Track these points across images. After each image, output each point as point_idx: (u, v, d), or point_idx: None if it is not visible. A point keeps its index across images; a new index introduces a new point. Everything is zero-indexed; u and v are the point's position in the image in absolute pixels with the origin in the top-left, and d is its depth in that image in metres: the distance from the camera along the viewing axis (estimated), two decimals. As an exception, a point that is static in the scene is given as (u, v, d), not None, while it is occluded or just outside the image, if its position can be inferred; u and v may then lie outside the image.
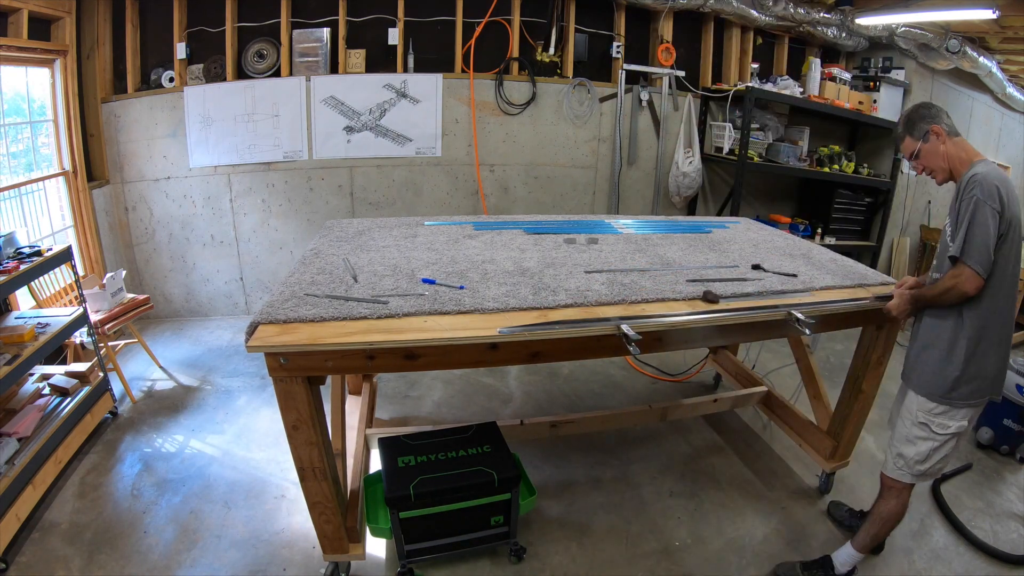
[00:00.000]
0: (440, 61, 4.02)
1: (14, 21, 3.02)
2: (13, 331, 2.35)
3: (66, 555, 2.04)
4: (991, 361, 1.74)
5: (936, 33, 4.20)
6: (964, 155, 1.73)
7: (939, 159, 1.76)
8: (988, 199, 1.60)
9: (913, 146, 1.79)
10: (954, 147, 1.74)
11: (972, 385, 1.74)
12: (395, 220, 2.73)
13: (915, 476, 1.86)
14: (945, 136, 1.74)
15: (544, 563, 2.08)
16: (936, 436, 1.80)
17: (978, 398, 1.76)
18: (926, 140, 1.76)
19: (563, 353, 1.78)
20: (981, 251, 1.60)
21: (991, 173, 1.64)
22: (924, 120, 1.76)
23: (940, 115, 1.76)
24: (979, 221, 1.60)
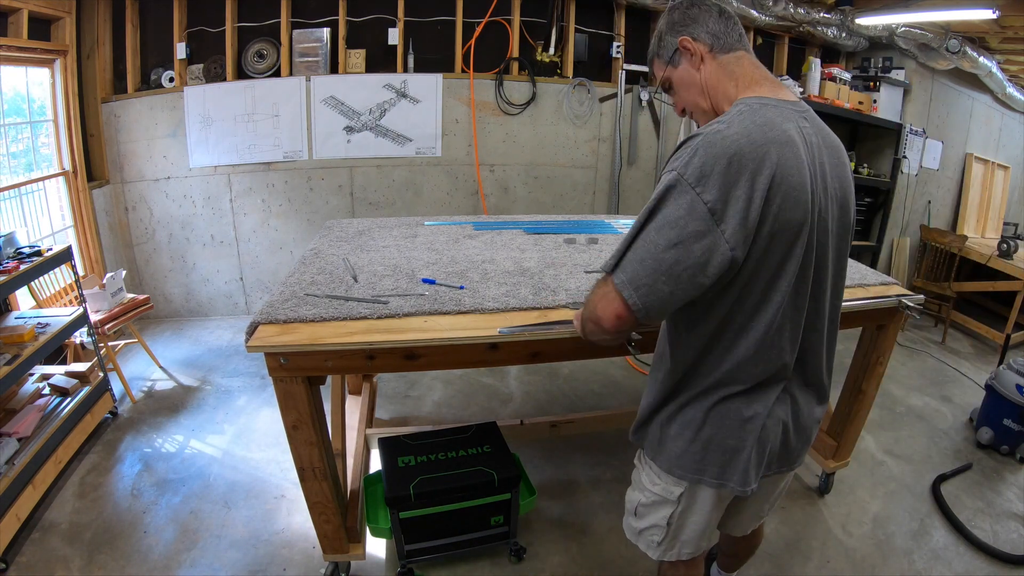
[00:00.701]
0: (440, 61, 4.02)
1: (14, 21, 3.02)
2: (13, 331, 2.35)
3: (66, 555, 2.04)
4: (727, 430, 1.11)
5: (936, 33, 4.20)
6: (733, 86, 1.06)
7: (695, 91, 1.11)
8: (698, 181, 0.90)
9: (661, 72, 1.16)
10: (717, 71, 1.08)
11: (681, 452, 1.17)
12: (395, 220, 2.73)
13: (632, 533, 1.40)
14: (705, 52, 1.08)
15: (544, 563, 2.08)
16: (644, 488, 1.30)
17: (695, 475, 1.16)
18: (675, 64, 1.12)
19: (563, 353, 1.78)
20: (636, 271, 0.95)
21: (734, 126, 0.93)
22: (673, 31, 1.11)
23: (700, 18, 1.09)
24: (661, 221, 0.93)
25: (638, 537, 1.38)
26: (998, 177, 5.54)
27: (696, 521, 1.26)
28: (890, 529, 2.31)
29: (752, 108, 0.98)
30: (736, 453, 1.12)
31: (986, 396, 2.89)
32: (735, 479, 1.13)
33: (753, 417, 1.10)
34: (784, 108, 1.00)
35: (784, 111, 1.00)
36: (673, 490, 1.22)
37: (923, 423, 3.09)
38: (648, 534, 1.34)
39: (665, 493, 1.24)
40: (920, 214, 5.15)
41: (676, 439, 1.16)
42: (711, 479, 1.15)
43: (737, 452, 1.12)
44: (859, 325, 2.19)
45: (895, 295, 2.00)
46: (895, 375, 3.51)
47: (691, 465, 1.16)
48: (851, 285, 2.07)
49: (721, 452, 1.12)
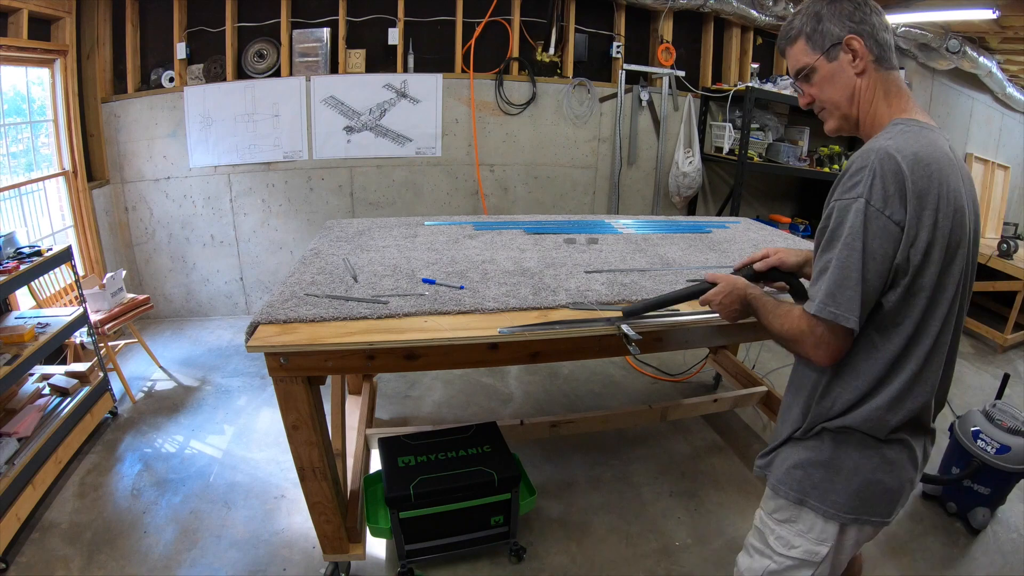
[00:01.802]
0: (440, 61, 4.02)
1: (14, 21, 3.02)
2: (13, 331, 2.35)
3: (66, 555, 2.04)
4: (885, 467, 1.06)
5: (936, 33, 4.20)
6: (886, 105, 1.03)
7: (841, 93, 1.05)
8: (883, 203, 0.91)
9: (805, 59, 1.07)
10: (875, 85, 1.03)
11: (840, 489, 1.07)
12: (395, 220, 2.73)
13: None
14: (869, 61, 1.02)
15: (544, 563, 2.08)
16: (774, 555, 1.18)
17: (852, 513, 1.08)
18: (832, 57, 1.04)
19: (563, 353, 1.78)
20: (840, 296, 0.95)
21: (901, 148, 0.93)
22: (839, 21, 1.01)
23: (876, 22, 1.01)
24: (845, 242, 0.94)
25: None
26: (998, 177, 5.54)
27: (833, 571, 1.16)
28: (890, 529, 2.30)
29: (914, 130, 0.98)
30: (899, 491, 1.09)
31: (950, 439, 2.45)
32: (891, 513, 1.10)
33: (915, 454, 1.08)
34: (936, 132, 1.00)
35: (937, 135, 1.00)
36: (818, 549, 1.12)
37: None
38: None
39: (808, 555, 1.13)
40: (920, 214, 5.15)
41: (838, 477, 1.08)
42: (875, 517, 1.09)
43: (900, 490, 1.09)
44: (859, 325, 2.18)
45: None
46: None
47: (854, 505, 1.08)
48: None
49: (884, 490, 1.08)
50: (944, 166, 0.94)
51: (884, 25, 1.03)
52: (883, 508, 1.09)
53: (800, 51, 1.07)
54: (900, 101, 1.04)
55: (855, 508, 1.08)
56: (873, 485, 1.06)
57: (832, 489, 1.08)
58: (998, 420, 2.29)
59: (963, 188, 0.98)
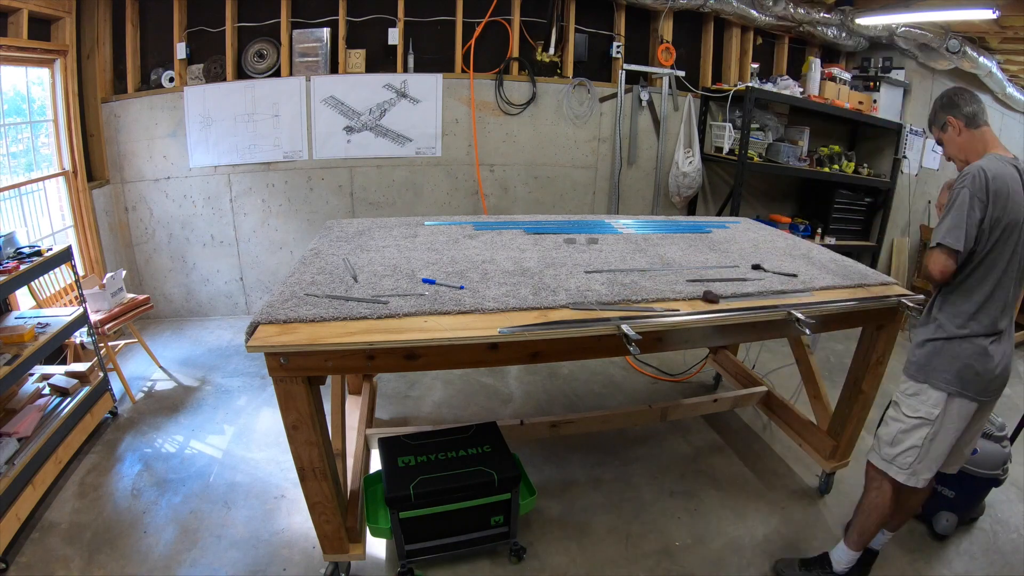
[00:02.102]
0: (440, 61, 4.02)
1: (14, 21, 3.02)
2: (13, 331, 2.35)
3: (66, 555, 2.04)
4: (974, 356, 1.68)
5: (936, 33, 4.20)
6: (980, 147, 1.71)
7: (956, 150, 1.77)
8: (974, 189, 1.59)
9: (936, 135, 1.82)
10: (970, 139, 1.72)
11: (947, 370, 1.70)
12: (395, 220, 2.73)
13: (884, 460, 1.82)
14: (962, 127, 1.72)
15: (544, 563, 2.08)
16: (904, 418, 1.77)
17: (956, 387, 1.69)
18: (944, 130, 1.76)
19: (563, 353, 1.78)
20: (953, 232, 1.59)
21: (989, 166, 1.62)
22: (944, 110, 1.74)
23: (961, 104, 1.72)
24: (957, 205, 1.60)
25: (891, 464, 1.81)
26: (998, 177, 5.53)
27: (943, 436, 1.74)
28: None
29: (996, 158, 1.66)
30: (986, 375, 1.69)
31: None
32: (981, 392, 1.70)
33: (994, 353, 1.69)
34: (1008, 159, 1.67)
35: (1008, 160, 1.66)
36: (933, 411, 1.72)
37: (923, 423, 3.09)
38: (903, 457, 1.78)
39: (927, 415, 1.73)
40: (920, 214, 5.15)
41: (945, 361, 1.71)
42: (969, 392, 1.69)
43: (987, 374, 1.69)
44: (859, 325, 2.19)
45: (895, 295, 2.00)
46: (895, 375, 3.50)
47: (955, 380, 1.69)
48: (851, 285, 2.08)
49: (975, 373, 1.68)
50: (1008, 180, 1.61)
51: (967, 101, 1.72)
52: (975, 387, 1.69)
53: (934, 131, 1.81)
54: (989, 144, 1.72)
55: (957, 383, 1.69)
56: (967, 368, 1.68)
57: (943, 371, 1.71)
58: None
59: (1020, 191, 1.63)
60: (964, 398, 1.71)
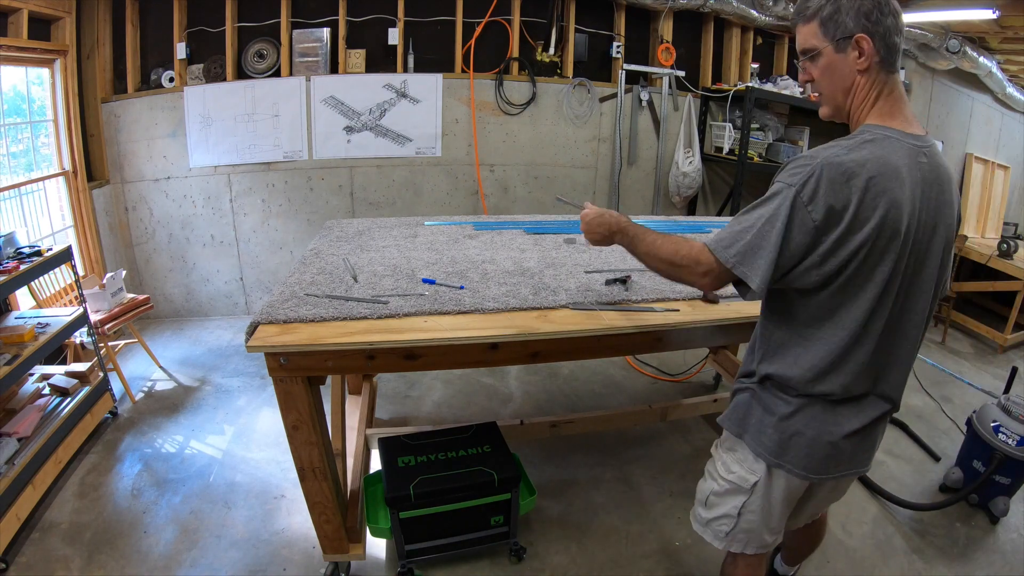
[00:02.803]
0: (440, 61, 4.02)
1: (14, 21, 3.02)
2: (13, 331, 2.35)
3: (66, 555, 2.04)
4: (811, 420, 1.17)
5: (936, 33, 4.20)
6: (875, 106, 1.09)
7: (838, 85, 1.10)
8: (810, 199, 1.01)
9: (814, 41, 1.10)
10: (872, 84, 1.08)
11: (772, 433, 1.21)
12: (395, 220, 2.73)
13: (699, 523, 1.43)
14: (874, 61, 1.06)
15: (544, 563, 2.08)
16: (719, 478, 1.34)
17: (775, 457, 1.21)
18: (841, 49, 1.07)
19: (563, 353, 1.78)
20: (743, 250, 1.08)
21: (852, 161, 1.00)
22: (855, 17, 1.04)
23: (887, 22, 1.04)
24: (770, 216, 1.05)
25: (706, 528, 1.42)
26: (998, 177, 5.54)
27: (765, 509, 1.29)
28: (890, 529, 2.31)
29: (876, 140, 1.05)
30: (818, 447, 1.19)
31: (967, 432, 2.53)
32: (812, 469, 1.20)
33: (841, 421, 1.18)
34: (905, 143, 1.06)
35: (903, 146, 1.05)
36: (748, 477, 1.27)
37: (923, 423, 3.09)
38: (716, 524, 1.37)
39: (740, 481, 1.29)
40: (920, 214, 5.15)
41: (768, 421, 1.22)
42: (796, 468, 1.20)
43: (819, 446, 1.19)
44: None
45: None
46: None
47: (774, 448, 1.22)
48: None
49: (804, 442, 1.19)
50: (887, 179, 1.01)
51: (898, 28, 1.07)
52: (803, 461, 1.20)
53: (812, 32, 1.11)
54: (888, 105, 1.09)
55: (778, 453, 1.21)
56: (796, 436, 1.19)
57: (763, 432, 1.23)
58: (1016, 413, 2.34)
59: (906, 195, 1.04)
60: (790, 473, 1.22)
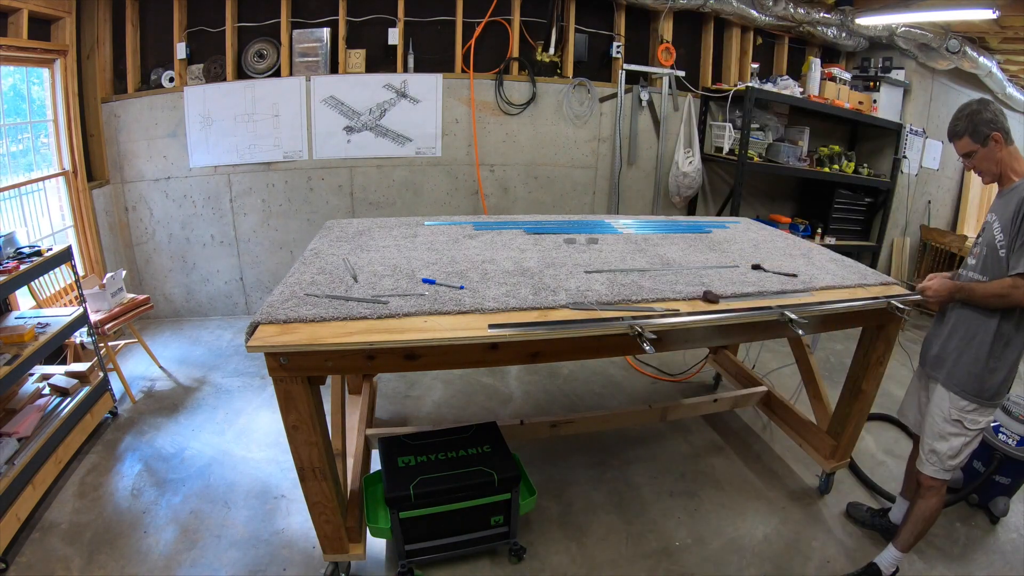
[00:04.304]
0: (440, 61, 4.02)
1: (14, 21, 3.02)
2: (13, 331, 2.35)
3: (66, 555, 2.04)
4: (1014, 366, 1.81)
5: (936, 33, 4.20)
6: (1018, 164, 1.77)
7: (993, 164, 1.79)
8: None
9: (970, 147, 1.80)
10: (1009, 155, 1.77)
11: (1006, 386, 1.83)
12: (395, 220, 2.73)
13: (947, 471, 1.90)
14: (1003, 144, 1.75)
15: (544, 563, 2.08)
16: (968, 432, 1.85)
17: (1002, 398, 1.85)
18: (985, 144, 1.76)
19: (563, 353, 1.78)
20: None
21: None
22: (988, 125, 1.75)
23: (1003, 121, 1.76)
24: None
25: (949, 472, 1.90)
26: (998, 177, 5.53)
27: None
28: None
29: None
30: None
31: None
32: None
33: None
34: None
35: None
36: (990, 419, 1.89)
37: (923, 423, 3.09)
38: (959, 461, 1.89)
39: (988, 424, 1.88)
40: (920, 214, 5.15)
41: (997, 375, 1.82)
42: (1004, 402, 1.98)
43: None
44: (859, 325, 2.19)
45: (895, 296, 2.00)
46: (895, 375, 3.50)
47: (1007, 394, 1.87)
48: (851, 285, 2.08)
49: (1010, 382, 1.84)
50: None
51: (1003, 116, 1.76)
52: None
53: (966, 142, 1.80)
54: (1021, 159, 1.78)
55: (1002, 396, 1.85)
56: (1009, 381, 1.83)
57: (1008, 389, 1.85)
58: (1016, 413, 2.34)
59: None
60: None
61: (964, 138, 1.80)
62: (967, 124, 1.79)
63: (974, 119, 1.77)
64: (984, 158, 1.79)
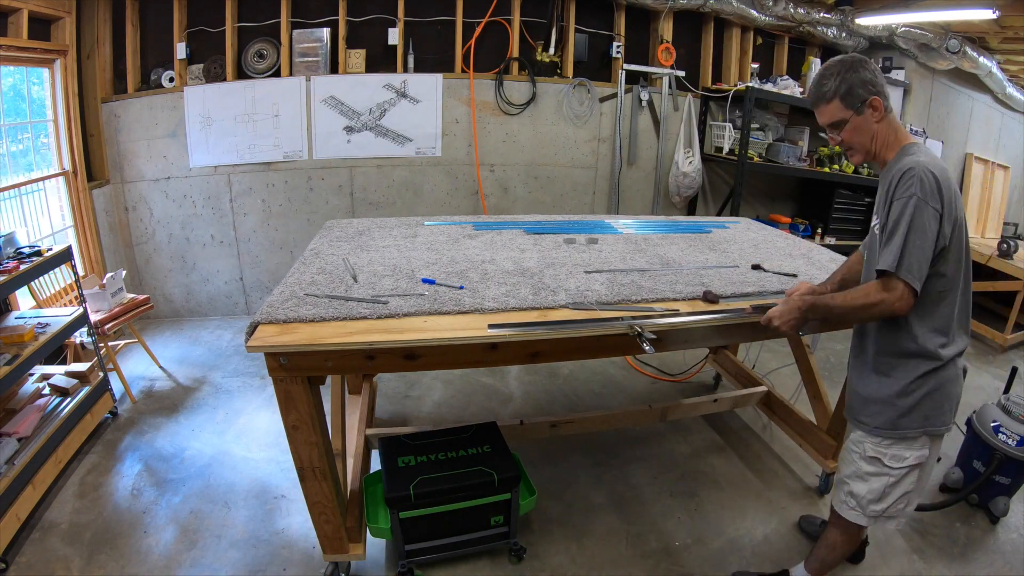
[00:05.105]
0: (440, 61, 4.02)
1: (14, 21, 3.02)
2: (13, 331, 2.35)
3: (66, 555, 2.04)
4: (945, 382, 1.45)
5: (936, 33, 4.20)
6: (894, 137, 1.45)
7: (867, 138, 1.45)
8: (929, 198, 1.30)
9: (840, 115, 1.44)
10: (887, 127, 1.44)
11: (924, 410, 1.45)
12: (395, 220, 2.73)
13: (871, 518, 1.58)
14: (883, 113, 1.42)
15: (544, 563, 2.08)
16: (892, 471, 1.51)
17: (937, 424, 1.47)
18: (860, 112, 1.42)
19: (563, 353, 1.78)
20: (921, 264, 1.31)
21: (930, 164, 1.33)
22: (866, 87, 1.40)
23: (882, 83, 1.42)
24: (918, 226, 1.30)
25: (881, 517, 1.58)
26: (998, 177, 5.54)
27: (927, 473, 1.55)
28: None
29: (922, 148, 1.42)
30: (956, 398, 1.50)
31: (967, 432, 2.54)
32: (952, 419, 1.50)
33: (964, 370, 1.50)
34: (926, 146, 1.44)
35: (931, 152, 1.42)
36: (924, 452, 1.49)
37: (923, 423, 3.09)
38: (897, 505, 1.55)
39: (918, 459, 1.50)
40: (920, 214, 5.14)
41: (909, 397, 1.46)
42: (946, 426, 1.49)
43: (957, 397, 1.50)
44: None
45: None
46: (895, 375, 3.51)
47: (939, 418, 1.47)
48: (851, 285, 2.07)
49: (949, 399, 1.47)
50: (951, 179, 1.37)
51: (881, 77, 1.43)
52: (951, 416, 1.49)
53: (835, 108, 1.44)
54: (900, 133, 1.47)
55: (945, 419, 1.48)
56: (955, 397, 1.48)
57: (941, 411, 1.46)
58: (1016, 413, 2.34)
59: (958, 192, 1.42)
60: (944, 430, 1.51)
61: (834, 102, 1.43)
62: (838, 84, 1.41)
63: (848, 78, 1.40)
64: (857, 129, 1.44)
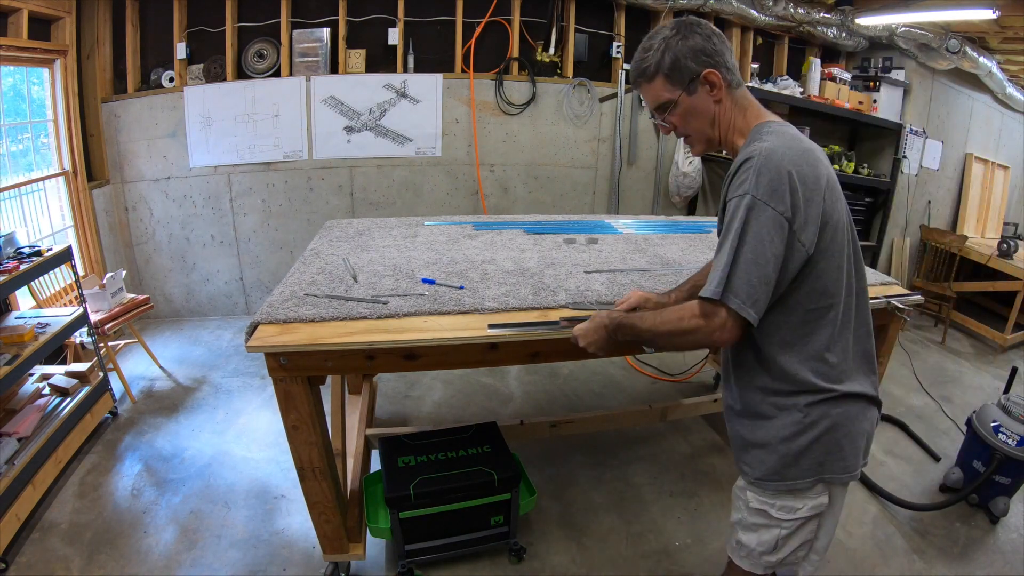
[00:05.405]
0: (440, 61, 4.02)
1: (14, 21, 3.02)
2: (13, 331, 2.35)
3: (66, 555, 2.04)
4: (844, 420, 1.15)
5: (936, 33, 4.20)
6: (742, 118, 1.13)
7: (704, 122, 1.13)
8: (769, 197, 0.99)
9: (666, 95, 1.12)
10: (731, 106, 1.12)
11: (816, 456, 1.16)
12: (395, 220, 2.73)
13: (767, 568, 1.31)
14: (724, 89, 1.10)
15: (544, 563, 2.08)
16: (782, 523, 1.23)
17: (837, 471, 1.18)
18: (691, 91, 1.11)
19: (563, 353, 1.77)
20: (754, 285, 1.00)
21: (778, 149, 1.01)
22: (695, 58, 1.08)
23: (724, 51, 1.09)
24: (752, 236, 1.00)
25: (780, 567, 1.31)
26: (998, 177, 5.54)
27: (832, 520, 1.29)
28: (890, 529, 2.31)
29: (777, 130, 1.08)
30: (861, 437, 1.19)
31: (967, 432, 2.52)
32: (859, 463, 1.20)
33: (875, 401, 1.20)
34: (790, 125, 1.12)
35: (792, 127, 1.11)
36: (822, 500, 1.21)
37: (923, 423, 3.09)
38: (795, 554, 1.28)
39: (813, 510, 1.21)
40: (920, 214, 5.15)
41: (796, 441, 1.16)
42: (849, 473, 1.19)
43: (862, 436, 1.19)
44: (859, 325, 2.18)
45: (895, 295, 2.00)
46: (895, 375, 3.51)
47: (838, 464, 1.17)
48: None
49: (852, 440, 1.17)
50: (818, 153, 1.06)
51: (729, 49, 1.12)
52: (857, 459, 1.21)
53: (660, 87, 1.13)
54: (752, 110, 1.15)
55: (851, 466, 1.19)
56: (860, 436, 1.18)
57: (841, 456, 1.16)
58: (1016, 413, 2.34)
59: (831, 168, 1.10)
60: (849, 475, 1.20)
61: (656, 79, 1.11)
62: (661, 56, 1.09)
63: (674, 46, 1.08)
64: (689, 113, 1.12)
